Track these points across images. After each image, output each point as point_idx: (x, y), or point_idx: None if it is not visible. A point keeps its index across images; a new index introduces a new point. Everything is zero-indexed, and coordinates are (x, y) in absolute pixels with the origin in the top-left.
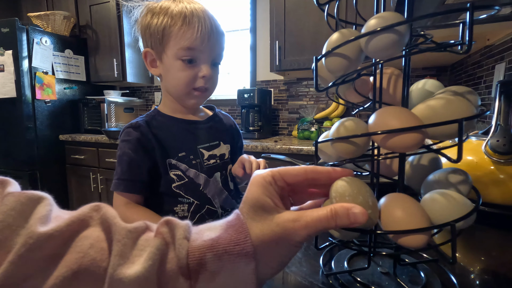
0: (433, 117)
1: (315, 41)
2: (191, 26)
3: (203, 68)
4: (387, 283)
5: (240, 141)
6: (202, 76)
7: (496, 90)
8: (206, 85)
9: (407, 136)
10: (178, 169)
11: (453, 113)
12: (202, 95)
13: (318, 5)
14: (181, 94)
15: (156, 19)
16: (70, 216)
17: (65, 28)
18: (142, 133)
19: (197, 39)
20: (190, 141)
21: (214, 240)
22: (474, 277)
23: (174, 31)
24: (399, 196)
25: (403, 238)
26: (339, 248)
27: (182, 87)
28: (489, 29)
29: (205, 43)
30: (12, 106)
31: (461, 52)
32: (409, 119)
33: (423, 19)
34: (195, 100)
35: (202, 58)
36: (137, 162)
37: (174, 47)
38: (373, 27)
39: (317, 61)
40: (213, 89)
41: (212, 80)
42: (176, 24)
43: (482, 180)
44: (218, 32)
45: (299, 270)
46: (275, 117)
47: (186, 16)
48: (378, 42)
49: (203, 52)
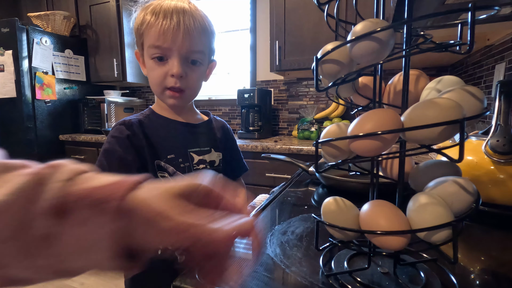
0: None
1: (315, 41)
2: (156, 22)
3: (172, 66)
4: (387, 283)
5: (235, 145)
6: (171, 75)
7: (496, 90)
8: (177, 84)
9: None
10: (166, 171)
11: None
12: (178, 96)
13: (318, 5)
14: (158, 94)
15: (137, 17)
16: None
17: (65, 28)
18: (133, 132)
19: (160, 35)
20: (181, 143)
21: (93, 190)
22: (474, 277)
23: (145, 27)
24: (381, 203)
25: (383, 239)
26: (339, 248)
27: (156, 87)
28: (489, 29)
29: (169, 39)
30: (12, 106)
31: (462, 52)
32: None
33: (400, 26)
34: (171, 100)
35: (170, 55)
36: (127, 161)
37: (146, 45)
38: (357, 34)
39: (317, 61)
40: (192, 90)
41: (187, 79)
42: (146, 20)
43: (482, 180)
44: (189, 28)
45: (299, 270)
46: (275, 117)
47: (155, 12)
48: (360, 49)
49: (170, 49)
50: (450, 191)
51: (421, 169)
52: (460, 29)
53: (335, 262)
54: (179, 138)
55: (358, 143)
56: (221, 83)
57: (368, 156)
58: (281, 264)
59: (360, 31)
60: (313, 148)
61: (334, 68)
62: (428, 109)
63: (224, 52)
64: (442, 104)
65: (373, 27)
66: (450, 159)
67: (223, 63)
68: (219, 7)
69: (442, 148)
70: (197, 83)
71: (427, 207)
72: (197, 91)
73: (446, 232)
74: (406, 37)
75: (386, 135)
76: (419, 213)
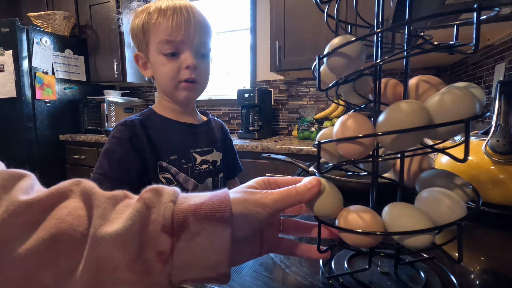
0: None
1: (315, 41)
2: (166, 18)
3: (186, 58)
4: (388, 283)
5: (233, 146)
6: (186, 67)
7: (496, 90)
8: (192, 75)
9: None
10: (168, 172)
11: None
12: (192, 87)
13: (318, 6)
14: (170, 89)
15: (138, 19)
16: (50, 189)
17: (65, 28)
18: (135, 133)
19: (173, 28)
20: (183, 144)
21: (198, 206)
22: (474, 277)
23: (152, 25)
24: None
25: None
26: (339, 248)
27: (168, 82)
28: (489, 29)
29: (182, 32)
30: (12, 106)
31: (467, 52)
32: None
33: (400, 27)
34: (185, 93)
35: (183, 49)
36: (128, 162)
37: (154, 42)
38: (332, 47)
39: (319, 60)
40: (203, 81)
41: (200, 71)
42: (152, 18)
43: (482, 180)
44: (198, 22)
45: (299, 270)
46: (275, 117)
47: (162, 9)
48: (332, 62)
49: (183, 42)
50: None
51: (428, 178)
52: (456, 29)
53: (335, 262)
54: (181, 139)
55: (343, 146)
56: (221, 83)
57: (352, 158)
58: (281, 264)
59: (333, 45)
60: (313, 148)
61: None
62: (395, 113)
63: (224, 52)
64: (404, 109)
65: (342, 43)
66: (454, 159)
67: (223, 63)
68: (219, 7)
69: (445, 148)
70: (207, 75)
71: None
72: (206, 84)
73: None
74: (407, 37)
75: (362, 139)
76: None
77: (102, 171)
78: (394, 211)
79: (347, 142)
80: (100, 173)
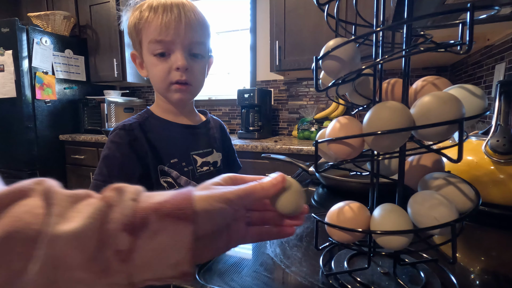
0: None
1: (315, 41)
2: (156, 16)
3: (176, 59)
4: (387, 283)
5: (231, 144)
6: (176, 68)
7: (496, 90)
8: (183, 77)
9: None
10: (170, 176)
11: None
12: (183, 89)
13: (318, 5)
14: (162, 91)
15: (132, 17)
16: (11, 187)
17: (65, 28)
18: (135, 137)
19: (162, 28)
20: (183, 146)
21: (161, 204)
22: (474, 277)
23: (143, 24)
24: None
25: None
26: (339, 248)
27: (160, 83)
28: (489, 29)
29: (172, 31)
30: (12, 106)
31: (461, 52)
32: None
33: (399, 26)
34: (177, 95)
35: (174, 49)
36: (128, 168)
37: (146, 42)
38: (327, 49)
39: (317, 61)
40: (196, 83)
41: (192, 72)
42: (144, 16)
43: (482, 180)
44: (191, 20)
45: (299, 270)
46: (275, 117)
47: (153, 7)
48: (326, 65)
49: (173, 42)
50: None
51: (427, 179)
52: (461, 29)
53: (335, 262)
54: (181, 141)
55: (333, 147)
56: (221, 83)
57: (345, 158)
58: (281, 264)
59: (327, 47)
60: (313, 148)
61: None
62: (381, 111)
63: (224, 52)
64: (391, 107)
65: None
66: (449, 159)
67: (223, 63)
68: (219, 7)
69: (441, 148)
70: (201, 76)
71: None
72: (201, 86)
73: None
74: (406, 37)
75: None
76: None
77: (102, 177)
78: (379, 211)
79: (335, 142)
80: (101, 179)
